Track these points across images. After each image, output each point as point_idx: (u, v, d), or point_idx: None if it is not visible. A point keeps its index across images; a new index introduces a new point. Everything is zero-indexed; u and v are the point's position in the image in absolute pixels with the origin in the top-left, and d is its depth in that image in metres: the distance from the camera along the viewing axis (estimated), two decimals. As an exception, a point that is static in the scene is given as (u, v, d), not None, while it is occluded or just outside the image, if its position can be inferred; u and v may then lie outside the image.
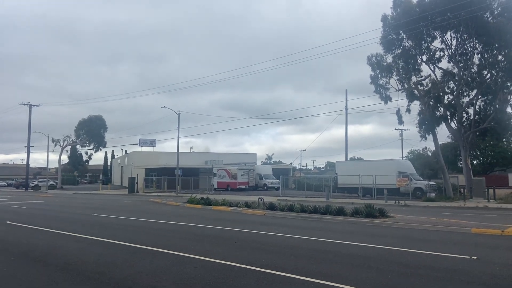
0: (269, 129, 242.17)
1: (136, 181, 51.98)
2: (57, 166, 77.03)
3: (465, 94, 34.45)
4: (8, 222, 17.20)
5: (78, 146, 78.40)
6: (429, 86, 34.05)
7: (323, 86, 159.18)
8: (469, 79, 33.17)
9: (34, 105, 65.49)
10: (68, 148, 75.64)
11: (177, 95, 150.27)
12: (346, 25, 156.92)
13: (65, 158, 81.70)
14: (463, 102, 34.38)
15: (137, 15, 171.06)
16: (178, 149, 48.06)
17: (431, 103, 33.46)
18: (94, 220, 18.44)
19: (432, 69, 34.56)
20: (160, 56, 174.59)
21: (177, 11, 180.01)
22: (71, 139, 72.31)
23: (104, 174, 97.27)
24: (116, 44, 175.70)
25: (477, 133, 35.05)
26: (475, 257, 9.26)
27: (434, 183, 34.68)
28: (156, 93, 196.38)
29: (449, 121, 34.80)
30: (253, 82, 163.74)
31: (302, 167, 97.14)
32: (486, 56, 32.40)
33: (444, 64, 34.47)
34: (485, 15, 31.23)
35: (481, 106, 34.41)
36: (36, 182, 70.16)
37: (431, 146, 46.57)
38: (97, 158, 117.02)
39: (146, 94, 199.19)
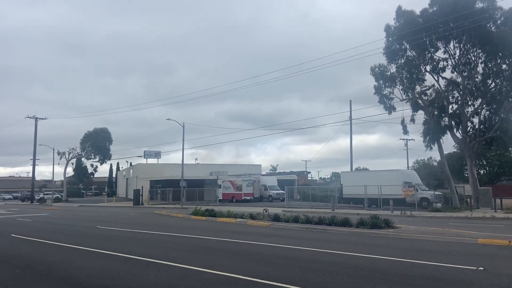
0: (275, 140, 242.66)
1: (141, 193, 51.99)
2: (62, 178, 77.39)
3: (470, 103, 34.35)
4: (13, 235, 17.22)
5: (83, 159, 78.94)
6: (433, 96, 33.99)
7: (329, 96, 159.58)
8: (473, 88, 33.12)
9: (40, 118, 66.12)
10: (74, 160, 76.25)
11: (184, 107, 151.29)
12: (354, 35, 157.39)
13: (70, 171, 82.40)
14: (467, 111, 34.27)
15: (144, 27, 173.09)
16: (183, 161, 48.15)
17: (435, 112, 33.39)
18: (99, 232, 18.43)
19: (436, 79, 34.62)
20: (168, 68, 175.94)
21: (185, 23, 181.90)
22: (76, 152, 72.76)
23: (109, 186, 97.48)
24: (123, 56, 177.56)
25: (483, 143, 34.87)
26: (482, 268, 9.15)
27: (440, 193, 34.45)
28: (162, 104, 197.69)
29: (454, 130, 34.65)
30: (260, 93, 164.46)
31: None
32: (490, 65, 32.37)
33: (448, 73, 34.53)
34: (488, 25, 31.29)
35: (486, 115, 34.27)
36: (41, 195, 70.49)
37: (437, 156, 46.32)
38: (102, 171, 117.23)
39: (153, 106, 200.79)
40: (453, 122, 34.42)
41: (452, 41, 33.14)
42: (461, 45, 32.93)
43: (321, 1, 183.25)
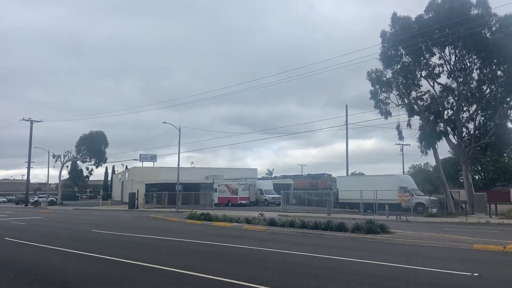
0: (271, 144, 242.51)
1: (136, 197, 51.80)
2: (57, 181, 76.98)
3: (465, 109, 34.53)
4: (7, 238, 17.12)
5: (78, 162, 78.36)
6: (429, 101, 34.15)
7: (326, 100, 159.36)
8: (469, 94, 33.30)
9: (35, 121, 65.86)
10: (69, 163, 75.70)
11: (180, 110, 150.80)
12: (352, 39, 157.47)
13: (65, 174, 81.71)
14: (463, 117, 34.44)
15: (142, 30, 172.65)
16: (178, 165, 48.09)
17: (431, 118, 33.52)
18: (93, 236, 18.35)
19: (432, 85, 34.77)
20: (165, 70, 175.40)
21: (182, 26, 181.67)
22: (71, 155, 72.36)
23: (104, 189, 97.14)
24: (120, 58, 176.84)
25: (478, 148, 35.02)
26: (476, 274, 9.18)
27: (435, 199, 34.53)
28: (159, 107, 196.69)
29: (450, 136, 34.81)
30: (257, 97, 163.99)
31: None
32: (485, 71, 32.57)
33: (443, 79, 34.70)
34: (483, 31, 31.49)
35: (481, 121, 34.44)
36: (36, 198, 69.99)
37: (432, 161, 46.37)
38: (98, 174, 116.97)
39: (149, 109, 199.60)
40: (448, 128, 34.59)
41: (447, 47, 33.34)
42: (457, 51, 33.12)
43: (320, 5, 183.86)
